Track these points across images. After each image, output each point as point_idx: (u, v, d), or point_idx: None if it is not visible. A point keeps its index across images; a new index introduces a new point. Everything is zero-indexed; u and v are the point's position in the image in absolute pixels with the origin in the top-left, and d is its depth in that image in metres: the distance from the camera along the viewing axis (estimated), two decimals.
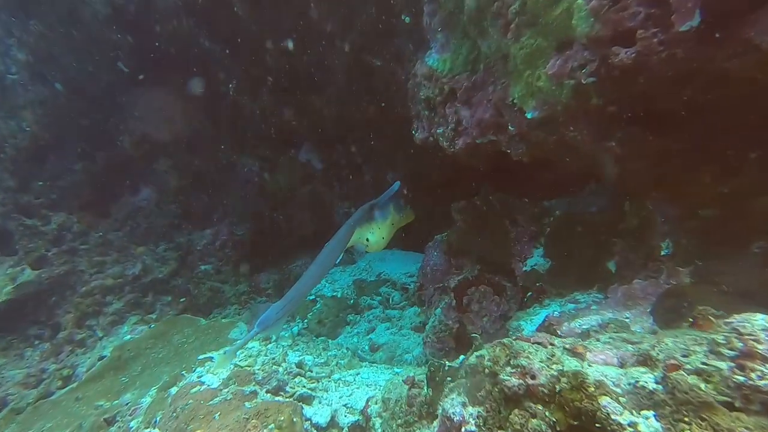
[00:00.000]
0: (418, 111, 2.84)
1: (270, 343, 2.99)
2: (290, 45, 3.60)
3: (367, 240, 2.18)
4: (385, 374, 2.47)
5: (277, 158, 4.92)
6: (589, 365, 1.22)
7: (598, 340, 1.37)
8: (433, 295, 3.36)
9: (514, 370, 1.24)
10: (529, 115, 1.85)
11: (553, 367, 1.19)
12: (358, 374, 2.45)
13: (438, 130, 2.55)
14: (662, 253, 1.83)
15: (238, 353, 2.65)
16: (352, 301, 4.04)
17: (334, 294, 4.12)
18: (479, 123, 2.22)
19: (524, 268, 2.54)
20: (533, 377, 1.20)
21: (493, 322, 2.69)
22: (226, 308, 4.51)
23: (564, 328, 1.65)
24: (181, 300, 4.51)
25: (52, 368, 3.55)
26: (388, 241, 2.26)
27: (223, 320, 3.55)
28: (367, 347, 3.36)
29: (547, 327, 1.77)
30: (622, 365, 1.22)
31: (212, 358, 2.71)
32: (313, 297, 4.14)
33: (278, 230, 4.97)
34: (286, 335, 3.27)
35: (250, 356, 2.59)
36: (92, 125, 4.28)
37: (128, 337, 3.71)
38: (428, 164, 4.30)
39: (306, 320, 3.93)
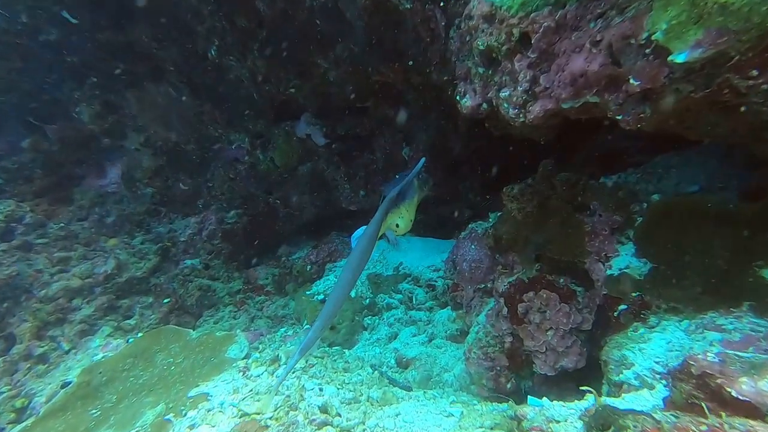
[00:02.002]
0: (467, 69, 2.16)
1: (279, 367, 2.39)
2: None
3: (397, 225, 1.97)
4: (433, 413, 1.90)
5: (271, 132, 4.17)
6: None
7: None
8: (473, 298, 2.80)
9: None
10: (679, 58, 1.22)
11: None
12: (398, 415, 1.88)
13: (502, 93, 1.88)
14: None
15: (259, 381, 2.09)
16: (367, 301, 3.45)
17: None
18: (574, 78, 1.57)
19: (608, 272, 1.96)
20: None
21: (561, 337, 2.14)
22: (219, 310, 3.88)
23: (745, 387, 1.09)
24: (165, 301, 3.85)
25: (4, 393, 2.89)
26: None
27: (218, 334, 2.92)
28: (393, 361, 2.80)
29: (696, 377, 1.19)
30: None
31: (209, 395, 2.10)
32: (322, 297, 3.54)
33: (275, 216, 4.29)
34: (286, 368, 2.66)
35: (256, 393, 1.99)
36: (38, 92, 3.44)
37: (100, 355, 3.06)
38: (451, 137, 3.64)
39: None
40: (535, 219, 2.30)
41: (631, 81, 1.39)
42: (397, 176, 2.02)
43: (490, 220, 3.08)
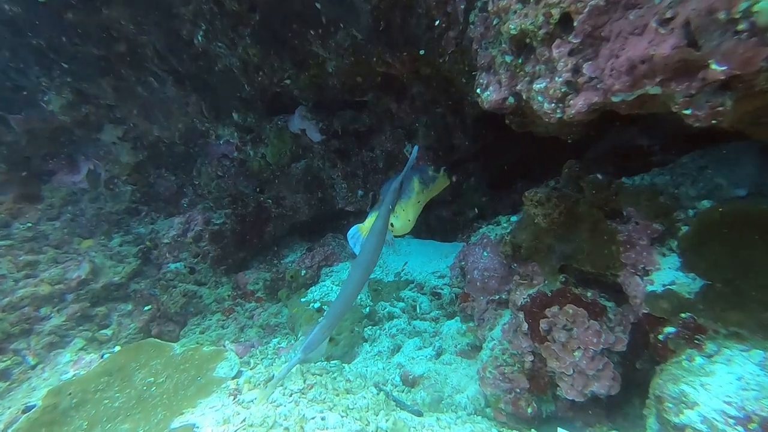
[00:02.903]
0: (491, 58, 1.89)
1: (276, 388, 2.10)
2: None
3: (392, 225, 1.87)
4: None
5: (263, 127, 3.84)
6: None
7: None
8: (485, 310, 2.55)
9: None
10: None
11: None
12: None
13: (536, 85, 1.62)
14: None
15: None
16: (367, 309, 3.18)
17: None
18: (632, 66, 1.31)
19: (650, 287, 1.73)
20: None
21: (591, 359, 1.90)
22: (205, 318, 3.55)
23: None
24: (146, 308, 3.50)
25: None
26: (416, 220, 1.96)
27: (205, 349, 2.60)
28: (398, 378, 2.53)
29: None
30: None
31: (195, 426, 1.80)
32: (318, 305, 3.25)
33: (266, 217, 3.96)
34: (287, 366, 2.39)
35: (250, 426, 1.70)
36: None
37: (70, 373, 2.70)
38: (457, 133, 3.38)
39: None
40: (561, 226, 2.06)
41: (713, 66, 1.14)
42: (394, 179, 1.87)
43: (502, 224, 2.84)
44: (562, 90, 1.55)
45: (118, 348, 3.00)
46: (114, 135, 3.62)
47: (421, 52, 2.38)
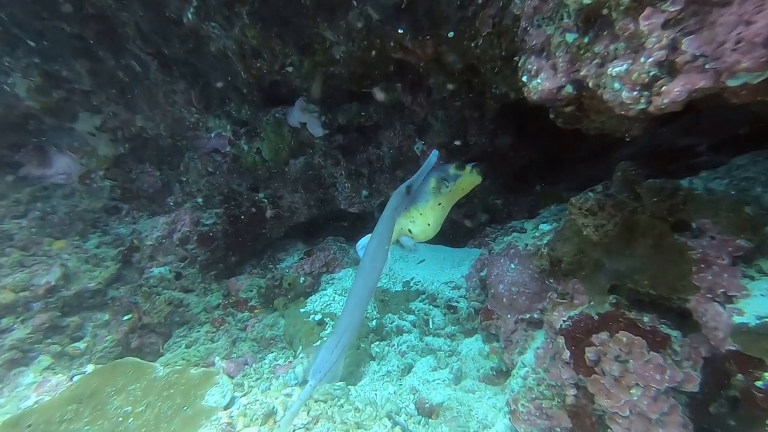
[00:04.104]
0: (545, 38, 1.54)
1: (275, 424, 1.72)
2: None
3: (410, 231, 1.73)
4: None
5: (259, 120, 3.43)
6: None
7: None
8: (514, 331, 2.21)
9: None
10: None
11: None
12: None
13: (613, 69, 1.27)
14: None
15: None
16: (374, 322, 2.81)
17: None
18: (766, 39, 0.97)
19: (738, 318, 1.41)
20: None
21: (653, 399, 1.58)
22: (192, 329, 3.13)
23: None
24: (126, 318, 3.06)
25: None
26: (441, 223, 1.77)
27: (192, 371, 2.20)
28: (413, 406, 2.18)
29: None
30: None
31: None
32: (319, 317, 2.87)
33: (261, 218, 3.56)
34: (300, 399, 2.02)
35: None
36: None
37: (31, 399, 2.27)
38: (474, 130, 3.03)
39: None
40: (615, 239, 1.72)
41: None
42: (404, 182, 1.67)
43: (528, 231, 2.50)
44: (651, 73, 1.20)
45: (90, 367, 2.57)
46: (91, 124, 3.16)
47: (450, 34, 2.01)
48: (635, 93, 1.25)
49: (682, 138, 2.39)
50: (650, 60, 1.19)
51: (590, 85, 1.40)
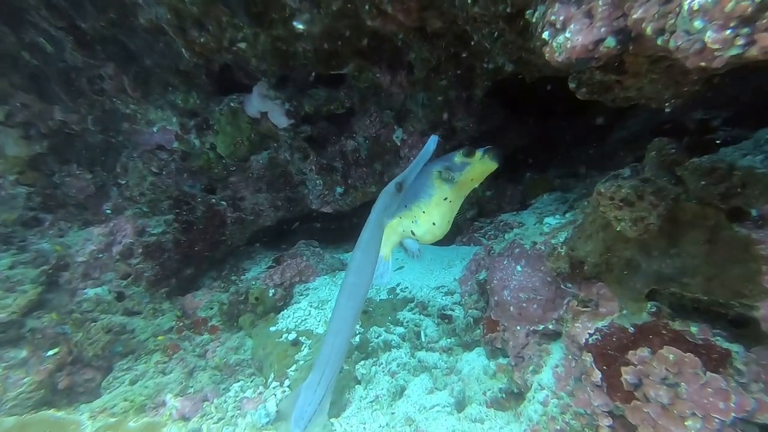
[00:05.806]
0: None
1: None
2: None
3: (413, 233, 1.47)
4: None
5: (210, 109, 2.85)
6: None
7: None
8: (525, 345, 1.82)
9: None
10: None
11: None
12: None
13: (690, 2, 0.87)
14: None
15: None
16: (358, 338, 2.35)
17: None
18: None
19: None
20: None
21: None
22: (139, 360, 2.54)
23: None
24: (51, 353, 2.42)
25: None
26: (450, 221, 1.50)
27: (132, 424, 1.65)
28: None
29: None
30: None
31: None
32: (293, 336, 2.37)
33: (221, 223, 2.98)
34: None
35: None
36: None
37: None
38: (461, 113, 2.62)
39: (289, 381, 2.18)
40: (656, 234, 1.36)
41: None
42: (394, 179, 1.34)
43: (533, 224, 2.13)
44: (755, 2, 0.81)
45: None
46: None
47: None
48: (728, 32, 0.86)
49: (695, 112, 2.09)
50: None
51: (648, 31, 1.00)
